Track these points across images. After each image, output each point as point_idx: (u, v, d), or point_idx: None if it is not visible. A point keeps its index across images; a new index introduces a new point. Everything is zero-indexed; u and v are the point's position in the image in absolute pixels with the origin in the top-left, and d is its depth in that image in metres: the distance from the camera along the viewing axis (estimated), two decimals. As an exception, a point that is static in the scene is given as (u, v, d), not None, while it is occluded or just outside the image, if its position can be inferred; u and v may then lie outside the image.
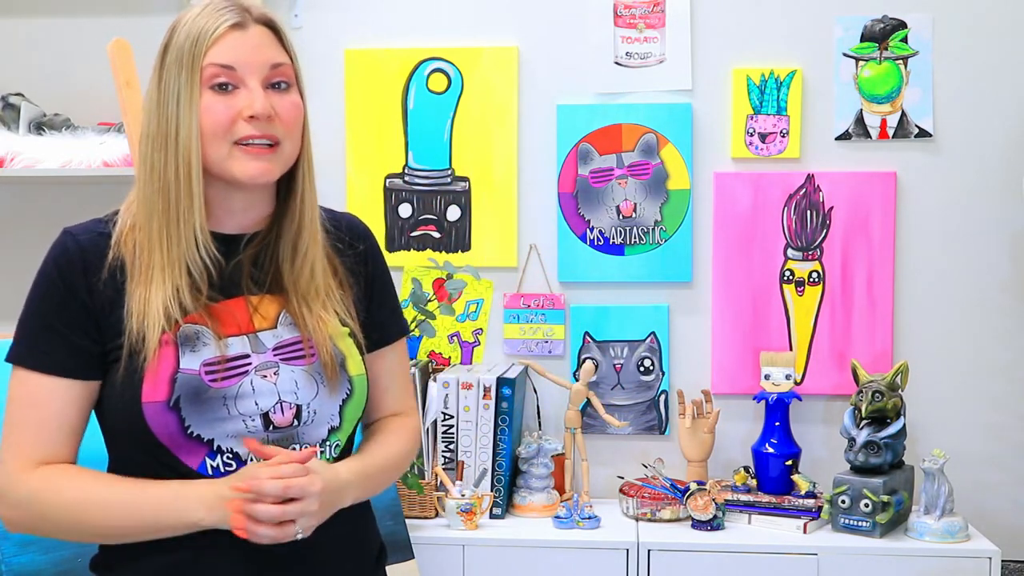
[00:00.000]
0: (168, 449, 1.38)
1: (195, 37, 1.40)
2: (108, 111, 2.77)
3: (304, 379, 1.44)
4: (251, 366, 1.41)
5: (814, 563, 2.47)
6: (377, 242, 1.63)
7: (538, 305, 2.89)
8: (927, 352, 2.80)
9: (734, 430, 2.85)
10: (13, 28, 2.98)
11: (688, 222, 2.84)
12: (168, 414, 1.36)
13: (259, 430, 1.40)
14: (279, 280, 1.47)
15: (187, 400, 1.37)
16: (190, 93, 1.38)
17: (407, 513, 2.57)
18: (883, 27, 2.78)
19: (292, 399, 1.43)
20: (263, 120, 1.40)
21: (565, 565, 2.52)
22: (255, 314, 1.44)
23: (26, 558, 1.96)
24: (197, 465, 1.39)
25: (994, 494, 2.80)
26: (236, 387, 1.40)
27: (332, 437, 1.47)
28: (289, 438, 1.42)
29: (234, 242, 1.47)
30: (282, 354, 1.44)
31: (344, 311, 1.51)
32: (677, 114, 2.83)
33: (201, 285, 1.41)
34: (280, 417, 1.42)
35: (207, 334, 1.40)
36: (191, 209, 1.39)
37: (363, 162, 2.92)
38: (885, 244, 2.80)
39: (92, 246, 1.42)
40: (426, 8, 2.90)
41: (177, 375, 1.37)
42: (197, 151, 1.39)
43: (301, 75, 1.48)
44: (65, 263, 1.41)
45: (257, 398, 1.40)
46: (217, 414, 1.38)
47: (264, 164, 1.41)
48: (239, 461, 1.40)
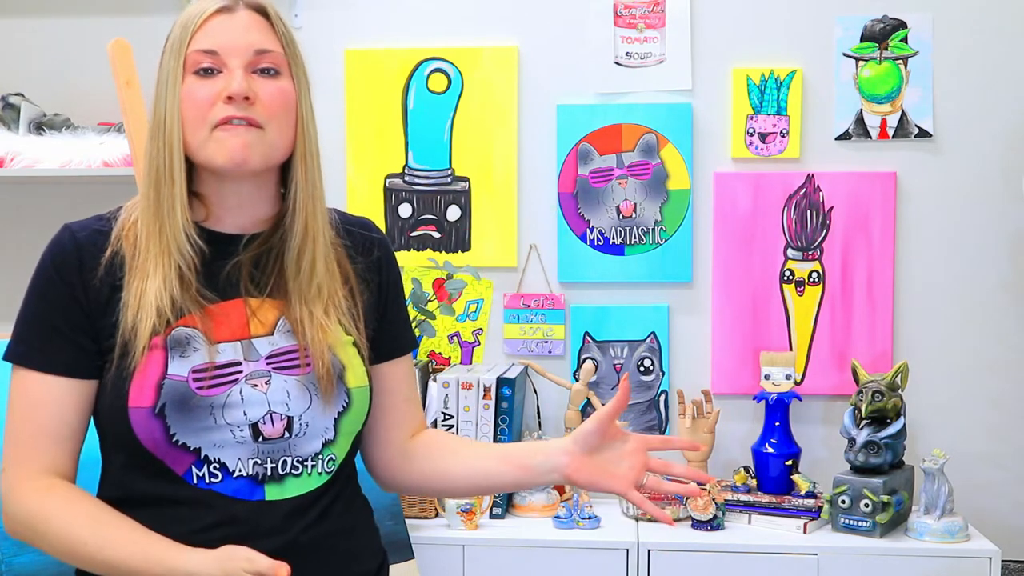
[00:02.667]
0: (153, 455, 1.34)
1: (184, 24, 1.38)
2: (108, 111, 2.77)
3: (297, 390, 1.38)
4: (242, 374, 1.36)
5: (814, 563, 2.47)
6: (392, 250, 1.58)
7: (538, 305, 2.89)
8: (927, 352, 2.80)
9: (734, 430, 2.85)
10: (13, 28, 2.98)
11: (688, 222, 2.84)
12: (153, 421, 1.32)
13: (247, 441, 1.35)
14: (281, 284, 1.42)
15: (173, 407, 1.33)
16: (175, 79, 1.36)
17: (407, 513, 2.57)
18: (883, 27, 2.78)
19: (283, 410, 1.37)
20: (239, 101, 1.35)
21: (565, 565, 2.52)
22: (252, 318, 1.40)
23: (26, 558, 1.96)
24: (183, 472, 1.35)
25: (994, 494, 2.80)
26: (224, 396, 1.35)
27: (326, 451, 1.41)
28: (280, 450, 1.37)
29: (233, 242, 1.43)
30: (276, 363, 1.39)
31: (349, 320, 1.45)
32: (677, 114, 2.83)
33: (190, 278, 1.37)
34: (270, 428, 1.36)
35: (199, 339, 1.35)
36: (173, 197, 1.36)
37: (363, 162, 2.92)
38: (885, 244, 2.80)
39: (89, 242, 1.39)
40: (426, 8, 2.90)
41: (164, 381, 1.33)
42: (179, 137, 1.36)
43: (301, 64, 1.43)
44: (61, 259, 1.38)
45: (246, 408, 1.35)
46: (204, 423, 1.34)
47: (239, 141, 1.35)
48: (226, 472, 1.35)
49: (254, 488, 1.37)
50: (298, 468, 1.39)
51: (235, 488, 1.36)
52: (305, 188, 1.42)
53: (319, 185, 1.44)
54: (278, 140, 1.39)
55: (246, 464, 1.37)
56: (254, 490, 1.37)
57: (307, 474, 1.40)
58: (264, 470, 1.37)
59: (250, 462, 1.37)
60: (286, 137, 1.40)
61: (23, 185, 2.90)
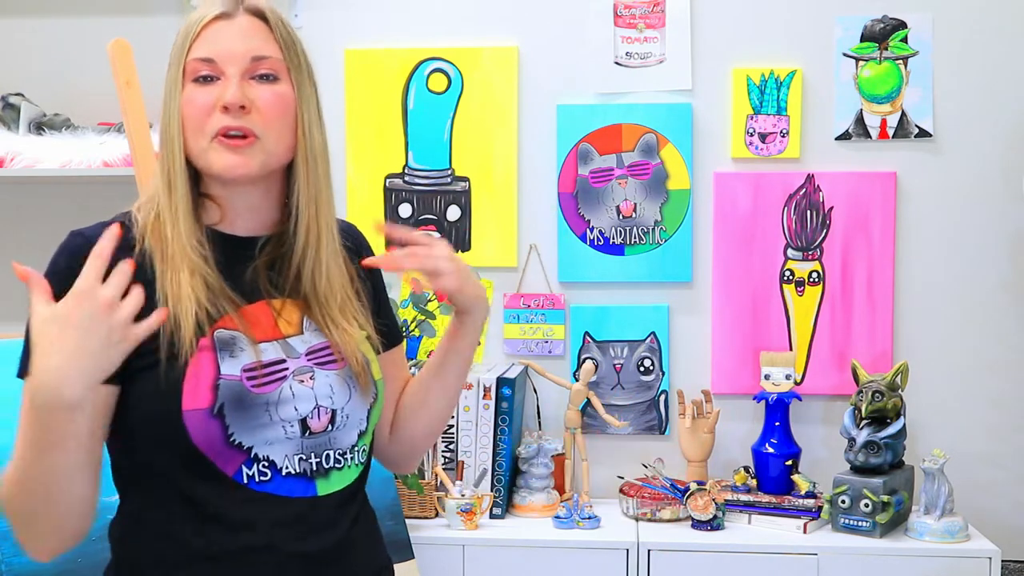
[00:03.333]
0: (206, 456, 1.34)
1: (184, 32, 1.39)
2: (108, 111, 2.77)
3: (339, 383, 1.42)
4: (289, 371, 1.39)
5: (814, 563, 2.47)
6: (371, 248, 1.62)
7: (538, 305, 2.89)
8: (927, 352, 2.80)
9: (734, 430, 2.85)
10: (13, 28, 2.98)
11: (688, 222, 2.84)
12: (211, 421, 1.32)
13: (297, 436, 1.37)
14: (297, 286, 1.44)
15: (231, 407, 1.33)
16: (176, 87, 1.38)
17: (407, 513, 2.57)
18: (883, 27, 2.78)
19: (328, 404, 1.40)
20: (234, 111, 1.36)
21: (565, 565, 2.52)
22: (279, 319, 1.41)
23: (26, 558, 1.96)
24: (233, 472, 1.35)
25: (994, 494, 2.80)
26: (277, 392, 1.37)
27: (361, 441, 1.45)
28: (322, 444, 1.40)
29: (249, 245, 1.44)
30: (315, 359, 1.41)
31: (363, 316, 1.49)
32: (677, 114, 2.83)
33: (218, 280, 1.37)
34: (316, 422, 1.39)
35: (242, 339, 1.37)
36: (177, 203, 1.38)
37: (363, 162, 2.92)
38: (885, 244, 2.80)
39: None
40: (426, 8, 2.90)
41: (219, 381, 1.33)
42: (179, 144, 1.37)
43: (303, 68, 1.43)
44: (77, 262, 1.32)
45: (296, 403, 1.38)
46: (259, 420, 1.35)
47: (237, 158, 1.36)
48: (275, 469, 1.36)
49: (307, 484, 1.39)
50: (340, 461, 1.42)
51: (288, 487, 1.37)
52: (307, 191, 1.43)
53: (324, 188, 1.45)
54: (276, 147, 1.40)
55: (292, 460, 1.38)
56: (307, 486, 1.39)
57: (348, 466, 1.43)
58: (310, 465, 1.39)
59: (296, 458, 1.38)
60: (284, 143, 1.41)
61: (23, 185, 2.90)
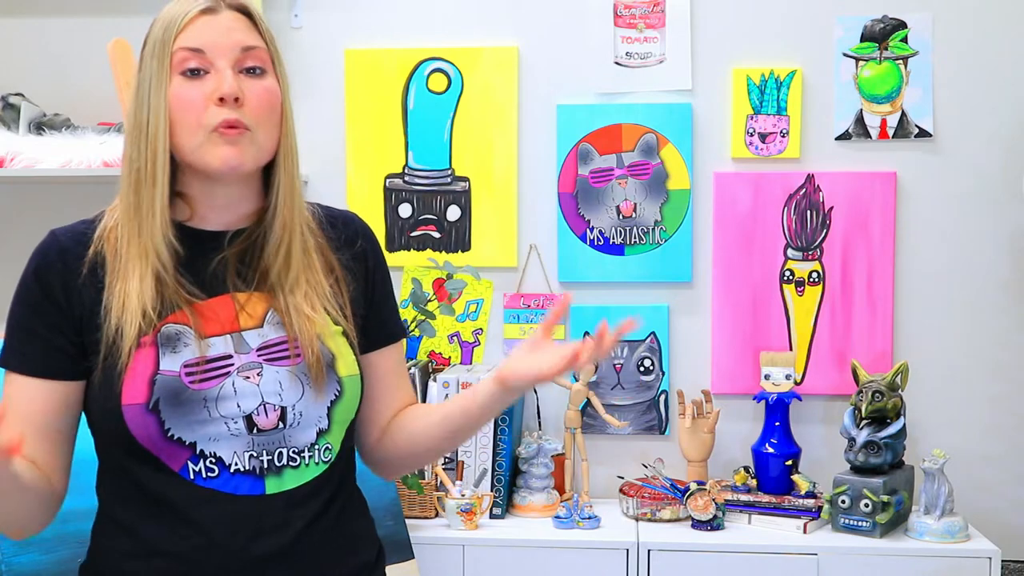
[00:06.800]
0: (149, 451, 1.35)
1: (166, 24, 1.39)
2: (108, 111, 2.77)
3: (289, 380, 1.40)
4: (233, 367, 1.38)
5: (814, 563, 2.47)
6: (377, 240, 1.59)
7: (538, 305, 2.89)
8: (927, 352, 2.80)
9: (734, 430, 2.85)
10: (13, 28, 2.98)
11: (688, 222, 2.84)
12: (147, 416, 1.34)
13: (242, 433, 1.37)
14: (266, 278, 1.44)
15: (166, 402, 1.34)
16: (160, 80, 1.37)
17: (407, 513, 2.58)
18: (883, 27, 2.78)
19: (276, 400, 1.39)
20: (230, 102, 1.37)
21: (565, 565, 2.52)
22: (241, 312, 1.41)
23: (26, 558, 1.96)
24: (179, 468, 1.36)
25: (994, 494, 2.80)
26: (217, 388, 1.37)
27: (321, 440, 1.43)
28: (275, 442, 1.39)
29: (218, 239, 1.44)
30: (266, 354, 1.40)
31: (337, 310, 1.47)
32: (677, 114, 2.83)
33: (172, 276, 1.38)
34: (264, 419, 1.38)
35: (188, 334, 1.37)
36: (154, 199, 1.37)
37: (363, 162, 2.92)
38: (885, 244, 2.80)
39: (73, 244, 1.41)
40: (426, 8, 2.90)
41: (156, 377, 1.35)
42: (164, 138, 1.37)
43: (280, 62, 1.45)
44: (43, 264, 1.40)
45: (239, 400, 1.37)
46: (198, 416, 1.35)
47: (235, 149, 1.37)
48: (222, 466, 1.37)
49: (254, 482, 1.38)
50: (295, 459, 1.41)
51: (235, 484, 1.37)
52: (286, 184, 1.45)
53: (297, 180, 1.47)
54: (266, 142, 1.42)
55: (242, 458, 1.38)
56: (255, 484, 1.38)
57: (304, 465, 1.41)
58: (261, 463, 1.38)
59: (246, 455, 1.38)
60: (273, 138, 1.43)
61: (23, 185, 2.90)
